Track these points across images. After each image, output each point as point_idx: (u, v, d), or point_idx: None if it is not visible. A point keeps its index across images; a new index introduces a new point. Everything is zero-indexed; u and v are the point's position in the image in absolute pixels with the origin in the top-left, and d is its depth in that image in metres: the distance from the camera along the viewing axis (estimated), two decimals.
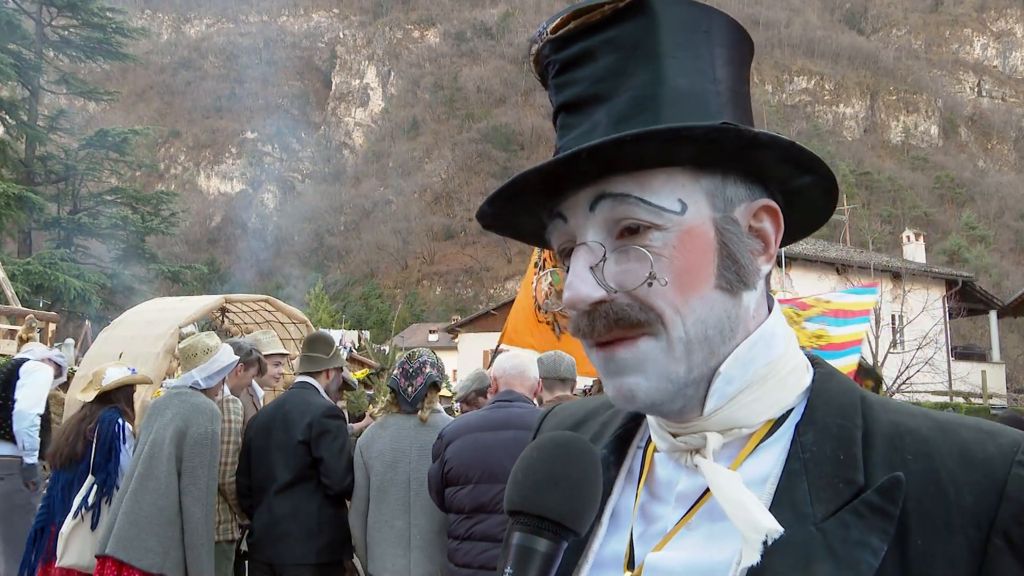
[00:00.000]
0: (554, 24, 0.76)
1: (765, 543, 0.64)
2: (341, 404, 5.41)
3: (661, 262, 0.70)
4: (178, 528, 3.58)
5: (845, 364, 5.03)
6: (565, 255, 0.76)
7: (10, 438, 5.49)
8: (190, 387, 3.90)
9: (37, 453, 5.42)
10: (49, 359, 5.92)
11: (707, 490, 0.71)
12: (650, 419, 0.79)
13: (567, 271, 0.75)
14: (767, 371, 0.73)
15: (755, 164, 0.73)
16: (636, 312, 0.70)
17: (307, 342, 4.30)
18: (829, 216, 0.81)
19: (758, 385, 0.72)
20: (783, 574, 0.63)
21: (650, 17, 0.72)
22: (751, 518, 0.64)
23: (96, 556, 3.70)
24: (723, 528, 0.69)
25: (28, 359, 5.75)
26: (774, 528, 0.64)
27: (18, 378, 5.57)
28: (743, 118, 0.75)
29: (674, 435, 0.75)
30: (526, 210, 0.78)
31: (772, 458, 0.71)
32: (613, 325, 0.70)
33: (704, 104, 0.72)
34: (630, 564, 0.74)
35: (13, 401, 5.49)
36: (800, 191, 0.77)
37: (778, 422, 0.73)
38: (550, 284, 5.47)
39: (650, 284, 0.69)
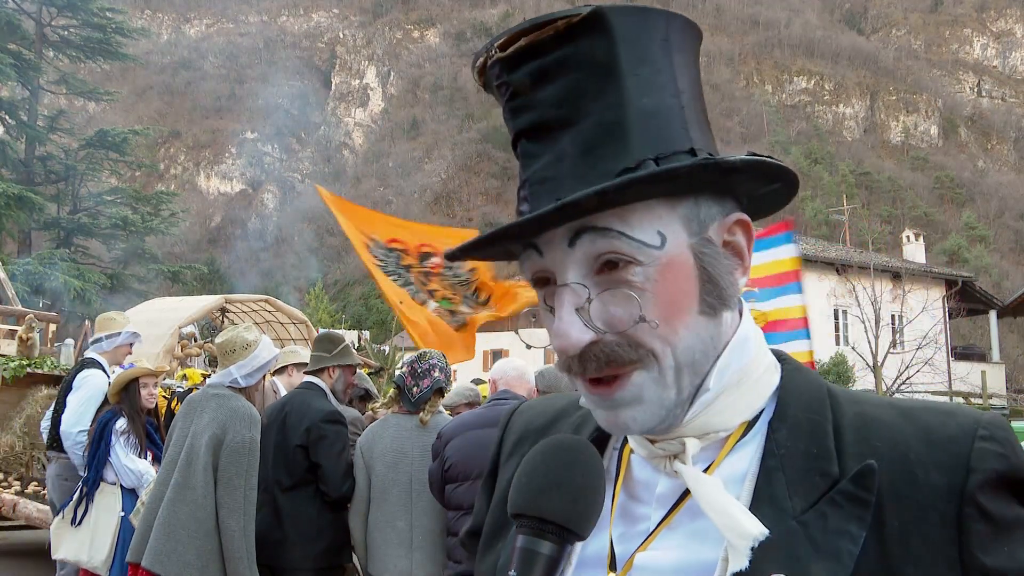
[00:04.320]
0: (502, 41, 0.71)
1: (752, 548, 0.65)
2: (365, 414, 5.29)
3: (645, 297, 0.69)
4: (216, 540, 3.37)
5: (795, 351, 4.55)
6: (539, 284, 0.75)
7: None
8: (228, 386, 3.68)
9: None
10: (133, 334, 5.24)
11: (687, 491, 0.72)
12: None
13: (542, 300, 0.74)
14: (740, 375, 0.74)
15: (728, 184, 0.74)
16: (627, 351, 0.70)
17: (313, 342, 4.31)
18: (787, 204, 0.81)
19: (732, 389, 0.73)
20: (768, 571, 0.64)
21: (607, 32, 0.69)
22: (736, 525, 0.65)
23: (128, 562, 3.58)
24: (704, 526, 0.69)
25: (90, 360, 5.13)
26: (760, 532, 0.65)
27: (71, 389, 5.02)
28: (703, 123, 0.74)
29: (652, 441, 0.75)
30: (499, 246, 0.76)
31: (748, 456, 0.72)
32: (604, 366, 0.70)
33: (671, 121, 0.71)
34: (612, 565, 0.74)
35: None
36: (766, 194, 0.78)
37: (751, 421, 0.74)
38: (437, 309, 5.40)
39: (638, 323, 0.69)
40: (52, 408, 5.30)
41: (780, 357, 0.79)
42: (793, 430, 0.71)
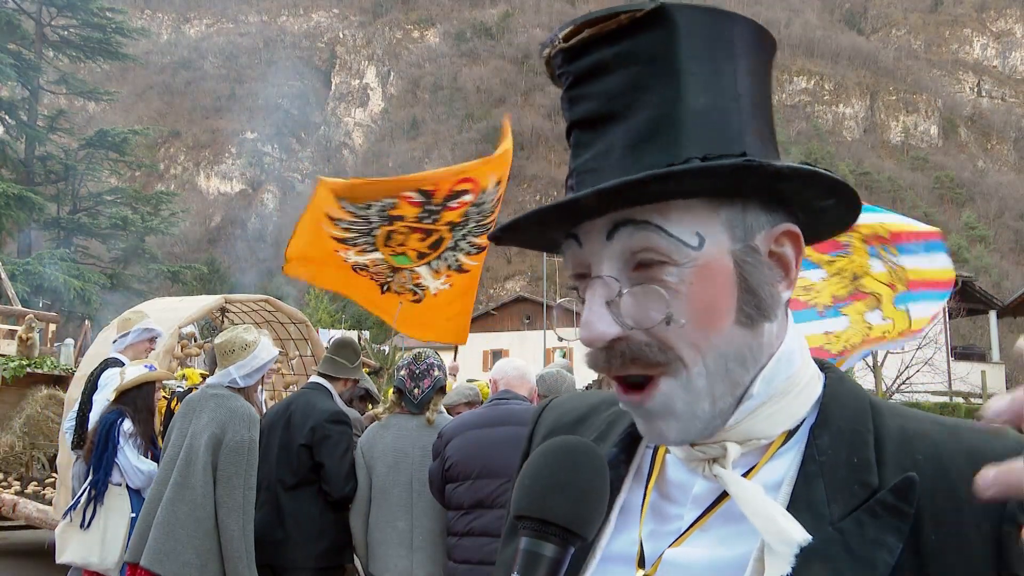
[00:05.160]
0: (566, 32, 0.72)
1: (795, 554, 0.65)
2: (365, 415, 5.31)
3: (678, 299, 0.68)
4: (215, 539, 3.38)
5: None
6: (578, 279, 0.75)
7: None
8: (227, 386, 3.68)
9: None
10: (146, 330, 5.28)
11: (722, 494, 0.72)
12: None
13: (578, 295, 0.75)
14: (787, 386, 0.73)
15: (777, 192, 0.72)
16: (654, 353, 0.69)
17: (336, 344, 4.27)
18: (850, 226, 0.80)
19: (778, 399, 0.73)
20: (803, 575, 0.64)
21: (669, 28, 0.69)
22: (779, 530, 0.65)
23: (127, 562, 3.57)
24: (737, 530, 0.70)
25: (113, 360, 5.14)
26: (803, 538, 0.65)
27: (96, 389, 5.01)
28: (764, 133, 0.73)
29: (691, 444, 0.75)
30: (541, 232, 0.77)
31: (787, 462, 0.72)
32: (630, 364, 0.70)
33: (725, 124, 0.70)
34: (641, 562, 0.74)
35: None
36: (823, 210, 0.76)
37: (792, 431, 0.74)
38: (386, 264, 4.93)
39: (667, 323, 0.68)
40: (76, 409, 5.27)
41: (823, 367, 0.78)
42: (835, 438, 0.71)
